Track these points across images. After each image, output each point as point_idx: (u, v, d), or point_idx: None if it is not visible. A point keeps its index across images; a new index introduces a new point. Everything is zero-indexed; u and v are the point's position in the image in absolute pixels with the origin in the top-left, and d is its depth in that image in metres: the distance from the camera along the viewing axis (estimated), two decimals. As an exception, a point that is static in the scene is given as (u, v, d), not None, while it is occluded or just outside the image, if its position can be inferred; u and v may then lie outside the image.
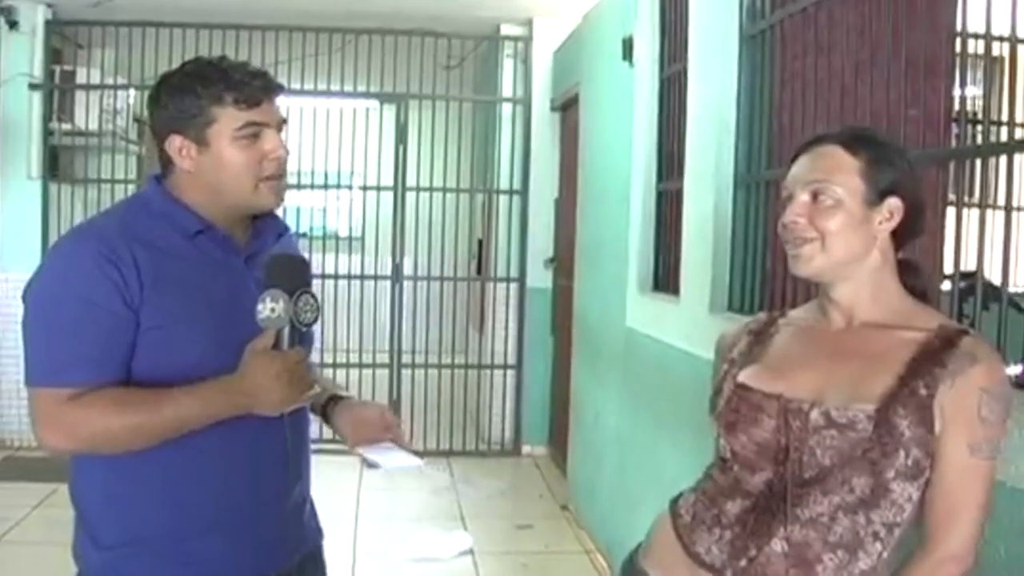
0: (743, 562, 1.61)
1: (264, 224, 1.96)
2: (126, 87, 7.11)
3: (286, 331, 1.77)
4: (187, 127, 1.82)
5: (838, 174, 1.61)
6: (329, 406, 2.10)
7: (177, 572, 1.83)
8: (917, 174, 1.67)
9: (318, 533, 2.12)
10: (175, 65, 1.89)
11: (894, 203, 1.62)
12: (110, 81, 6.95)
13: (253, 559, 1.89)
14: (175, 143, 1.83)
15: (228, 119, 1.81)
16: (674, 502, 1.83)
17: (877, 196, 1.61)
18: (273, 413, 1.79)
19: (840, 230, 1.60)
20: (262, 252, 1.92)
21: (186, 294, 1.79)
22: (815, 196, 1.62)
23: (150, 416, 1.73)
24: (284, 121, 1.91)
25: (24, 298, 1.77)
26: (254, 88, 1.83)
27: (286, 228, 2.02)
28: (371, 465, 2.01)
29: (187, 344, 1.78)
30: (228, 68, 1.84)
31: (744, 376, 1.72)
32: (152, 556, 1.81)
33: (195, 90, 1.81)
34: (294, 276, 1.81)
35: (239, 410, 1.77)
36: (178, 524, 1.82)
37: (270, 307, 1.74)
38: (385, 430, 2.06)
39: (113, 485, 1.82)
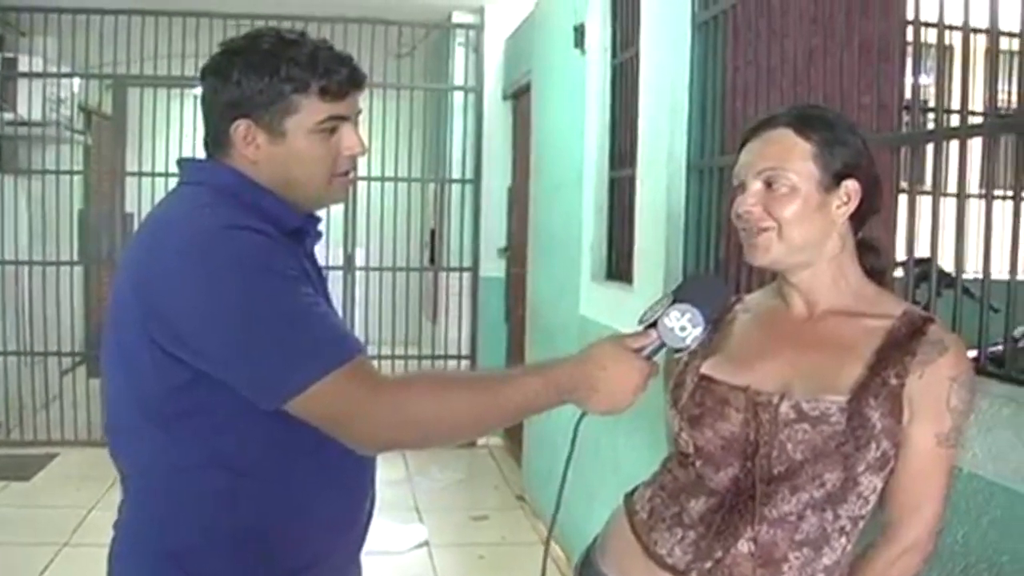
0: (708, 564, 1.55)
1: (313, 218, 1.77)
2: (71, 75, 6.93)
3: (665, 347, 1.54)
4: (260, 113, 1.60)
5: (791, 160, 1.55)
6: None
7: None
8: (870, 151, 1.62)
9: None
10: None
11: (851, 186, 1.56)
12: (54, 69, 6.75)
13: None
14: (240, 128, 1.61)
15: (310, 111, 1.61)
16: (628, 497, 1.77)
17: (833, 180, 1.55)
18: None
19: (797, 218, 1.55)
20: (312, 246, 1.76)
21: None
22: (769, 184, 1.56)
23: (492, 397, 1.54)
24: (359, 112, 1.72)
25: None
26: (342, 78, 1.63)
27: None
28: None
29: None
30: (315, 51, 1.62)
31: (707, 367, 1.66)
32: None
33: (277, 72, 1.59)
34: (715, 306, 1.59)
35: (566, 402, 1.54)
36: (300, 557, 1.66)
37: (682, 323, 1.51)
38: None
39: (230, 517, 1.60)
